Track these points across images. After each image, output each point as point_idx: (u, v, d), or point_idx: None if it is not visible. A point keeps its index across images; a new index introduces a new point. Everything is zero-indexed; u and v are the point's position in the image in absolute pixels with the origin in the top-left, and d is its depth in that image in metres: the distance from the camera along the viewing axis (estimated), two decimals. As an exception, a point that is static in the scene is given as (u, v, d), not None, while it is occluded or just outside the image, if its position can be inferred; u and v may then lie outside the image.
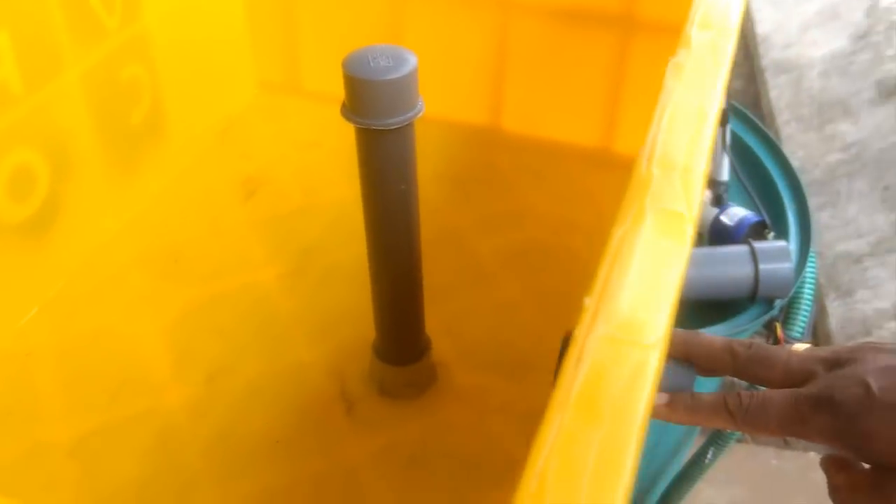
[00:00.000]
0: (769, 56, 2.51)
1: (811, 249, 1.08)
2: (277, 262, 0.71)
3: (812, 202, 2.08)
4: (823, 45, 2.44)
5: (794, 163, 2.16)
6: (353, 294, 0.62)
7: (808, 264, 1.08)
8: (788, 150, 2.20)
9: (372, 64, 0.47)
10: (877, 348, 0.44)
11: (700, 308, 1.04)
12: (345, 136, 0.52)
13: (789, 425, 0.43)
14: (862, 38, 2.33)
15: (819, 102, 2.25)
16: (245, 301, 0.68)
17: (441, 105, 0.85)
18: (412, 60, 0.47)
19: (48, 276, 0.67)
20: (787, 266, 1.03)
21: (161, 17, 0.69)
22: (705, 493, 1.38)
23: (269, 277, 0.70)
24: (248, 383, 0.63)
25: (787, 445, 1.60)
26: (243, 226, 0.74)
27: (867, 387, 0.41)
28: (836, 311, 1.79)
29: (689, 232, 0.25)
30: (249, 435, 0.60)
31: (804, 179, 2.13)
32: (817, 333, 1.82)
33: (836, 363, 0.45)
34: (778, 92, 2.36)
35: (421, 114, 0.49)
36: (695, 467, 1.16)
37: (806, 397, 0.43)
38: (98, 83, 0.65)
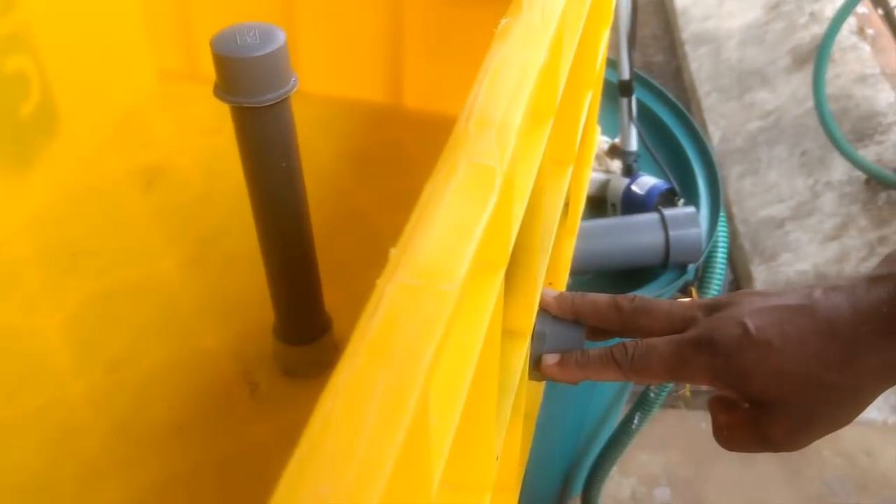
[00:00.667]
0: (689, 29, 2.55)
1: (721, 213, 1.11)
2: (178, 251, 0.71)
3: (734, 170, 2.13)
4: (739, 16, 2.50)
5: (717, 132, 2.22)
6: (255, 278, 0.62)
7: (720, 228, 1.11)
8: (710, 119, 2.25)
9: (239, 42, 0.47)
10: (752, 293, 0.46)
11: (615, 277, 1.07)
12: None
13: (673, 369, 0.45)
14: (775, 7, 2.39)
15: (738, 72, 2.30)
16: (145, 291, 0.68)
17: (342, 84, 0.85)
18: (280, 37, 0.47)
19: (-60, 277, 0.65)
20: (695, 231, 1.05)
21: (43, 8, 0.68)
22: (640, 458, 1.41)
23: (170, 266, 0.70)
24: (150, 372, 0.63)
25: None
26: (143, 216, 0.73)
27: (744, 327, 0.43)
28: (760, 276, 1.84)
29: (499, 184, 0.26)
30: (152, 423, 0.60)
31: (726, 148, 2.19)
32: (744, 297, 1.87)
33: (714, 308, 0.46)
34: (698, 64, 2.41)
35: (294, 89, 0.49)
36: (623, 433, 1.18)
37: (686, 340, 0.45)
38: (-21, 77, 0.64)
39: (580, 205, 0.70)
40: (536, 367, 0.51)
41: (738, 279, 1.90)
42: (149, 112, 0.83)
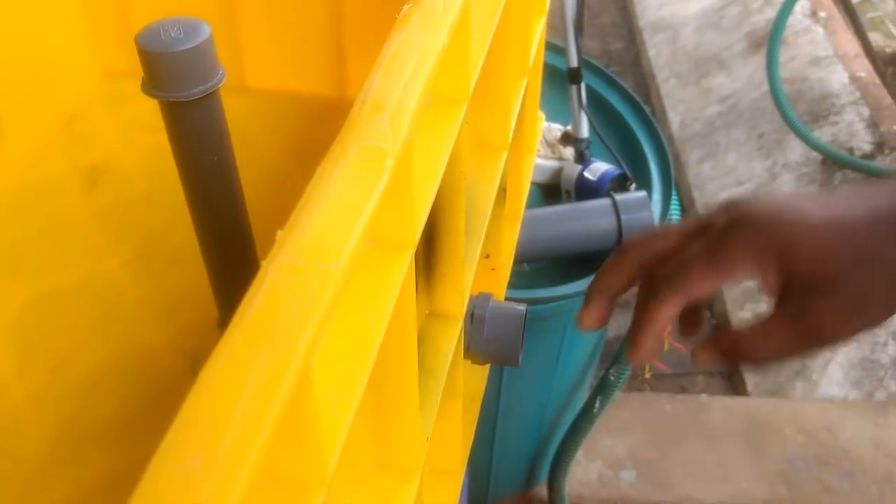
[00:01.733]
0: (646, 17, 2.57)
1: (674, 197, 1.12)
2: (122, 249, 0.71)
3: (694, 155, 2.15)
4: (696, 2, 2.52)
5: (676, 118, 2.24)
6: (200, 275, 0.62)
7: (673, 211, 1.13)
8: (669, 105, 2.27)
9: (163, 36, 0.47)
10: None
11: (569, 262, 1.08)
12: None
13: (714, 267, 0.41)
14: (731, -7, 2.42)
15: (695, 58, 2.32)
16: (89, 290, 0.68)
17: (286, 78, 0.85)
18: (205, 30, 0.48)
19: None
20: (647, 214, 1.07)
21: (-25, 9, 0.68)
22: (605, 442, 1.43)
23: (114, 265, 0.69)
24: (95, 371, 0.63)
25: (681, 391, 1.66)
26: (87, 215, 0.73)
27: (775, 204, 0.41)
28: (721, 258, 1.86)
29: (389, 165, 0.26)
30: (98, 421, 0.60)
31: (685, 133, 2.21)
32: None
33: (731, 207, 0.43)
34: (656, 51, 2.43)
35: (221, 83, 0.49)
36: (585, 417, 1.20)
37: (717, 231, 0.41)
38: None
39: (523, 191, 0.71)
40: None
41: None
42: (93, 111, 0.83)
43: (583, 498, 1.35)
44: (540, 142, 1.18)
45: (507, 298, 0.99)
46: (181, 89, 0.48)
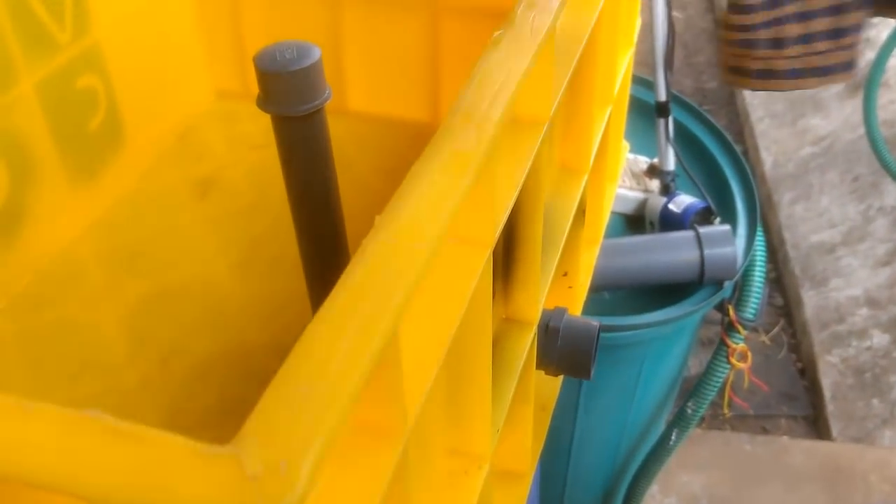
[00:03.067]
0: (743, 56, 2.56)
1: (759, 232, 1.12)
2: (228, 254, 0.76)
3: (786, 196, 2.13)
4: (795, 43, 2.50)
5: (769, 158, 2.22)
6: (299, 280, 0.67)
7: (758, 246, 1.13)
8: (763, 145, 2.25)
9: (278, 58, 0.52)
10: None
11: (651, 293, 1.09)
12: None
13: None
14: (831, 34, 2.39)
15: (790, 98, 2.30)
16: (198, 290, 0.74)
17: (384, 102, 0.90)
18: (315, 53, 0.53)
19: (14, 275, 0.72)
20: (730, 249, 1.08)
21: (111, 32, 0.75)
22: (681, 478, 1.42)
23: (220, 268, 0.75)
24: (200, 363, 0.68)
25: (763, 433, 1.63)
26: (197, 222, 0.80)
27: None
28: (810, 301, 1.83)
29: (473, 167, 0.30)
30: (201, 408, 0.65)
31: (778, 174, 2.19)
32: (794, 323, 1.86)
33: None
34: (751, 90, 2.42)
35: (327, 101, 0.54)
36: (661, 450, 1.20)
37: None
38: (53, 93, 0.71)
39: (603, 215, 0.74)
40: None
41: (789, 304, 1.90)
42: (205, 127, 0.90)
43: (656, 531, 1.34)
44: (626, 173, 1.20)
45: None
46: (292, 106, 0.53)
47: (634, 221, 1.17)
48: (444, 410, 0.41)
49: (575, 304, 0.68)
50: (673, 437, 1.17)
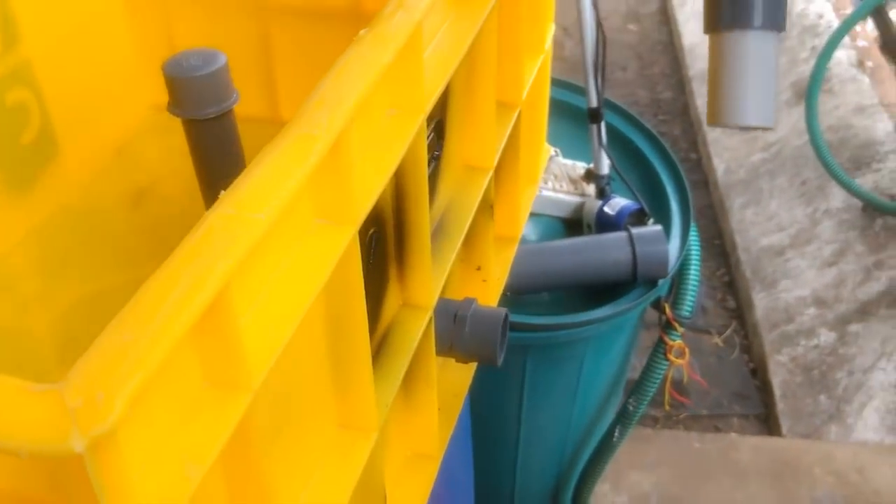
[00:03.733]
0: (695, 67, 2.62)
1: (692, 231, 1.16)
2: (159, 259, 0.79)
3: (737, 201, 2.18)
4: (744, 53, 2.56)
5: (721, 164, 2.27)
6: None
7: (692, 246, 1.17)
8: (715, 152, 2.30)
9: (184, 64, 0.55)
10: None
11: (587, 292, 1.12)
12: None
13: None
14: (778, 43, 2.45)
15: (741, 107, 2.35)
16: (128, 294, 0.76)
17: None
18: (221, 59, 0.56)
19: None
20: (662, 248, 1.11)
21: (42, 47, 0.78)
22: (632, 477, 1.45)
23: (151, 272, 0.78)
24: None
25: (716, 431, 1.67)
26: (131, 230, 0.82)
27: None
28: (761, 303, 1.87)
29: (318, 148, 0.33)
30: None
31: (730, 180, 2.24)
32: (745, 325, 1.90)
33: None
34: (703, 100, 2.47)
35: (234, 104, 0.57)
36: (606, 446, 1.23)
37: None
38: (-16, 108, 0.73)
39: (519, 214, 0.77)
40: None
41: (741, 306, 1.94)
42: (141, 140, 0.92)
43: (607, 529, 1.37)
44: (563, 178, 1.24)
45: (525, 324, 1.04)
46: (200, 109, 0.56)
47: (572, 225, 1.21)
48: (330, 386, 0.44)
49: (490, 296, 0.71)
50: (616, 434, 1.20)
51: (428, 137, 0.54)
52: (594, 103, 1.14)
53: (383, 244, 0.48)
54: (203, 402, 0.30)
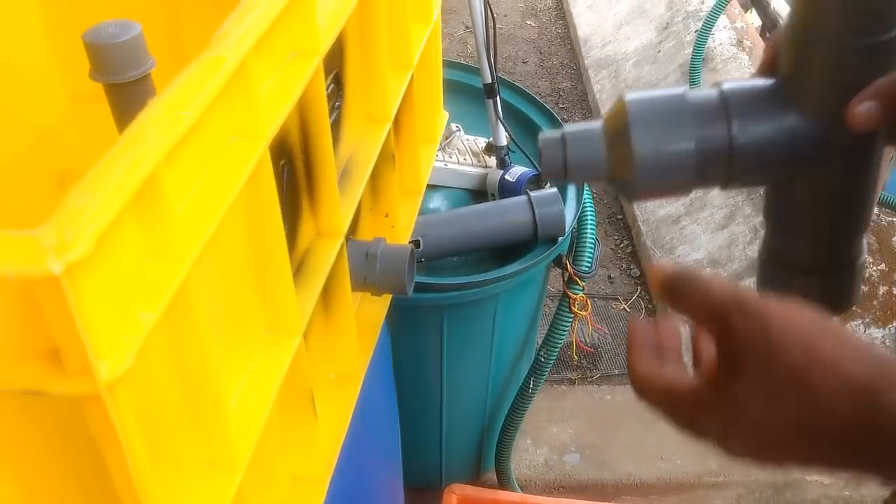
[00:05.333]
0: (591, 56, 2.76)
1: (586, 193, 1.26)
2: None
3: (636, 177, 2.31)
4: (635, 38, 2.71)
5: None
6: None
7: (587, 206, 1.27)
8: (612, 134, 2.43)
9: (103, 33, 0.61)
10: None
11: (493, 252, 1.21)
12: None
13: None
14: (665, 28, 2.60)
15: (635, 90, 2.49)
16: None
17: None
18: (136, 28, 0.62)
19: None
20: (559, 208, 1.20)
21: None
22: (550, 430, 1.54)
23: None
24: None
25: (620, 379, 1.78)
26: (53, 207, 0.87)
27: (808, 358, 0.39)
28: (663, 267, 1.99)
29: (227, 67, 0.40)
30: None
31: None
32: (648, 290, 2.02)
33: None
34: (600, 86, 2.61)
35: (151, 69, 0.63)
36: (523, 397, 1.32)
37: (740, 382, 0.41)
38: None
39: (420, 169, 0.84)
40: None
41: (644, 273, 2.06)
42: (62, 130, 0.97)
43: (531, 481, 1.46)
44: (466, 152, 1.32)
45: (440, 284, 1.12)
46: (119, 74, 0.62)
47: (478, 195, 1.30)
48: (256, 290, 0.51)
49: (398, 240, 0.79)
50: (532, 385, 1.29)
51: (328, 87, 0.62)
52: (488, 79, 1.23)
53: (294, 177, 0.55)
54: (146, 268, 0.36)
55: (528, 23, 3.09)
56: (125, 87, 0.63)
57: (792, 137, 0.49)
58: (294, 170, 0.55)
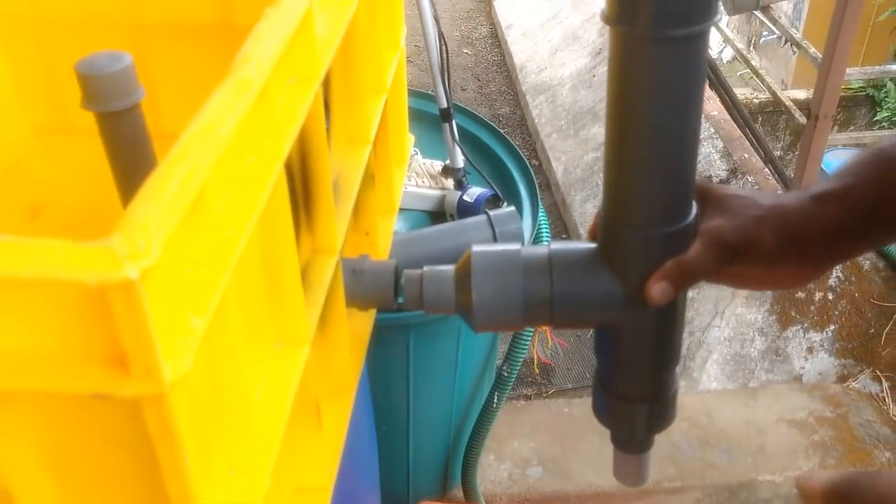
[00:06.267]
0: (527, 82, 2.83)
1: (540, 210, 1.31)
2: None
3: (578, 197, 2.38)
4: (570, 64, 2.80)
5: (560, 167, 2.47)
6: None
7: (542, 222, 1.31)
8: (553, 156, 2.50)
9: (95, 63, 0.63)
10: None
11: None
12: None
13: None
14: (598, 53, 2.70)
15: (572, 113, 2.57)
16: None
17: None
18: (127, 59, 0.64)
19: None
20: (517, 226, 1.25)
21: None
22: (513, 444, 1.57)
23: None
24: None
25: (574, 392, 1.82)
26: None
27: None
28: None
29: (254, 87, 0.43)
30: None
31: (569, 179, 2.44)
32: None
33: None
34: (538, 111, 2.68)
35: (140, 99, 0.65)
36: (487, 412, 1.35)
37: None
38: None
39: (394, 189, 0.88)
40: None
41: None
42: (29, 162, 0.97)
43: (496, 495, 1.48)
44: (424, 175, 1.36)
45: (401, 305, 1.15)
46: (110, 102, 0.63)
47: (437, 216, 1.33)
48: (268, 308, 0.53)
49: (379, 258, 0.81)
50: (495, 399, 1.32)
51: (318, 111, 0.64)
52: (444, 104, 1.27)
53: (293, 197, 0.58)
54: (195, 276, 0.38)
55: (465, 51, 3.16)
56: (117, 116, 0.64)
57: (605, 296, 0.59)
58: (293, 190, 0.58)
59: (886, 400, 1.70)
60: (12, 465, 0.37)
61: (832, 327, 1.82)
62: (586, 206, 2.27)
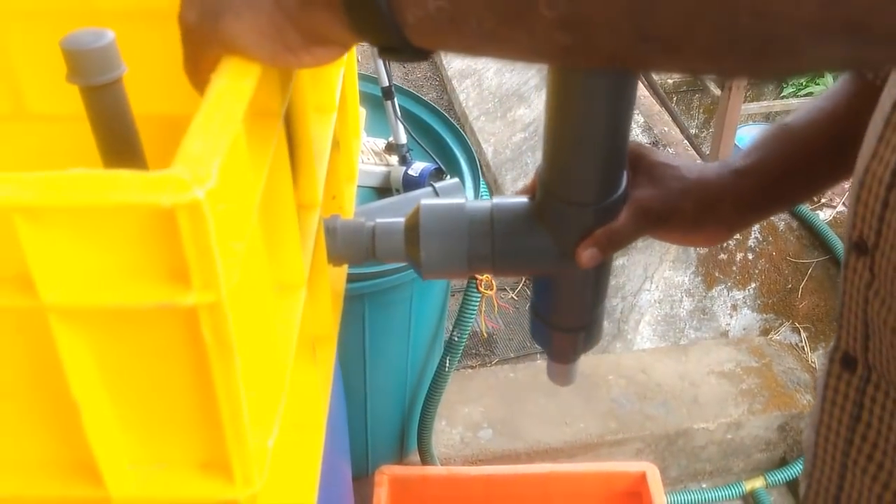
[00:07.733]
0: (452, 67, 2.90)
1: (481, 182, 1.38)
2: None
3: (509, 176, 2.46)
4: (492, 49, 2.88)
5: (489, 148, 2.55)
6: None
7: (483, 193, 1.38)
8: (482, 138, 2.58)
9: (81, 39, 0.67)
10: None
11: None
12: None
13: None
14: (520, 38, 2.78)
15: (498, 96, 2.65)
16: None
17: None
18: (110, 35, 0.68)
19: None
20: (461, 196, 1.32)
21: None
22: (463, 410, 1.65)
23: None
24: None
25: (517, 360, 1.91)
26: None
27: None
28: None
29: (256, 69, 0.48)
30: None
31: (499, 160, 2.52)
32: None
33: None
34: (465, 95, 2.75)
35: (122, 73, 0.69)
36: (440, 376, 1.41)
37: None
38: None
39: (353, 159, 0.93)
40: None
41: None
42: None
43: (450, 458, 1.55)
44: (369, 153, 1.42)
45: (360, 273, 1.20)
46: (97, 76, 0.67)
47: (383, 192, 1.39)
48: (267, 256, 0.58)
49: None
50: (448, 363, 1.39)
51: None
52: (386, 83, 1.33)
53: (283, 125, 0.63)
54: (233, 206, 0.44)
55: (388, 40, 3.21)
56: (101, 90, 0.68)
57: (542, 252, 0.65)
58: (281, 148, 0.63)
59: (805, 349, 1.84)
60: (80, 380, 0.42)
61: (753, 285, 1.94)
62: (517, 185, 2.36)
